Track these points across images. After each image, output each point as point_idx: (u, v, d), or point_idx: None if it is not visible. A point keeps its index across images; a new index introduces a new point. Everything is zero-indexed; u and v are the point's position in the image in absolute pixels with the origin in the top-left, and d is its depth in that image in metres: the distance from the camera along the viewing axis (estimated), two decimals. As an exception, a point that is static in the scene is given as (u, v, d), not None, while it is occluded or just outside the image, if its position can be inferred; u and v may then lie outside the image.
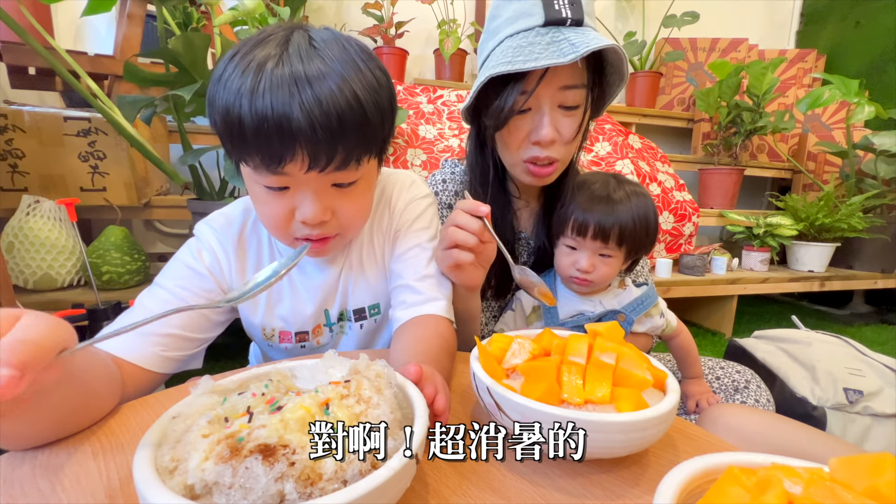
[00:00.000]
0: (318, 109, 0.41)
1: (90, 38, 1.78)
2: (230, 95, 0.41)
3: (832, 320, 2.30)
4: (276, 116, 0.40)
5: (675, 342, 0.78)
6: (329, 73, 0.42)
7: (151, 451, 0.27)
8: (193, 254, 0.56)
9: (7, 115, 1.20)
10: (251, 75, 0.41)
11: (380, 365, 0.34)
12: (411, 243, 0.61)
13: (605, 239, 0.66)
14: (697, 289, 1.88)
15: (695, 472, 0.26)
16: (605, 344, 0.40)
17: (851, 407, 0.91)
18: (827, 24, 2.68)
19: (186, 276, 0.55)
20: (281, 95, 0.40)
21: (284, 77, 0.41)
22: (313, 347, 0.63)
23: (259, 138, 0.41)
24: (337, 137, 0.42)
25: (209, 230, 0.57)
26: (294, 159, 0.42)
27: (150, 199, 1.44)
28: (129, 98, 1.18)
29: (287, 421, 0.27)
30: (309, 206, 0.46)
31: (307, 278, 0.60)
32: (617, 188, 0.68)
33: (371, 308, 0.63)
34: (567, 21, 0.58)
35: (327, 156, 0.43)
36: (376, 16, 1.97)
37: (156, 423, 0.29)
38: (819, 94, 1.99)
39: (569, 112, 0.62)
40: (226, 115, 0.42)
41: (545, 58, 0.55)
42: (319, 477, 0.25)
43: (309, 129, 0.41)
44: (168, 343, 0.51)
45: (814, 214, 2.02)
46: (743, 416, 0.59)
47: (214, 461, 0.25)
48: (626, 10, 2.54)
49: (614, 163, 1.93)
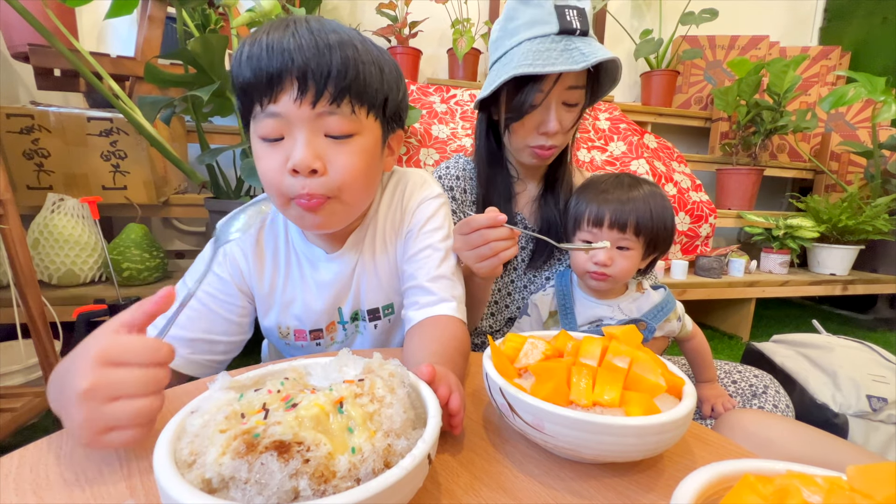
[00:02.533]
0: (308, 40, 0.44)
1: (112, 40, 1.83)
2: (235, 57, 0.46)
3: (855, 325, 2.23)
4: (270, 49, 0.44)
5: (689, 345, 0.77)
6: (331, 29, 0.46)
7: (170, 445, 0.28)
8: (219, 261, 0.58)
9: (34, 115, 1.24)
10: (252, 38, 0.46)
11: (393, 364, 0.34)
12: (423, 244, 0.61)
13: (623, 228, 0.65)
14: (714, 291, 1.84)
15: (711, 478, 0.26)
16: (619, 347, 0.40)
17: (875, 415, 0.88)
18: (852, 20, 2.60)
19: (212, 282, 0.57)
20: (277, 37, 0.44)
21: (284, 28, 0.45)
22: (328, 345, 0.64)
23: (254, 72, 0.44)
24: (326, 66, 0.44)
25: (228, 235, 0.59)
26: (283, 87, 0.44)
27: (168, 198, 1.47)
28: (149, 99, 1.21)
29: (302, 418, 0.27)
30: (299, 150, 0.46)
31: (317, 272, 0.60)
32: (632, 182, 0.69)
33: (385, 308, 0.64)
34: (576, 31, 0.68)
35: (316, 85, 0.44)
36: (390, 16, 1.98)
37: (174, 417, 0.30)
38: (843, 91, 1.93)
39: (570, 108, 0.73)
40: (234, 70, 0.46)
41: (561, 63, 0.65)
42: (333, 474, 0.26)
43: (300, 57, 0.43)
44: (197, 347, 0.53)
45: (836, 216, 1.97)
46: (761, 421, 0.58)
47: (231, 456, 0.25)
48: (643, 7, 2.50)
49: (629, 162, 1.91)
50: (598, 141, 1.99)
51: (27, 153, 1.25)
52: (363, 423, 0.29)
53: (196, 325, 0.54)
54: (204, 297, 0.56)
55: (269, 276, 0.59)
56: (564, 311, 0.72)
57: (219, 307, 0.56)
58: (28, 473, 0.33)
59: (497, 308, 0.86)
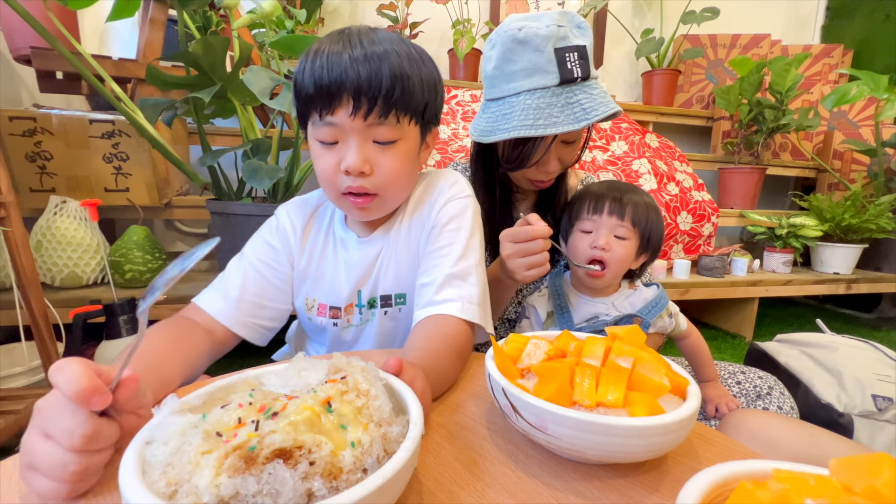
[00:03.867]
0: (363, 62, 0.50)
1: (114, 43, 1.83)
2: (300, 68, 0.53)
3: (859, 324, 2.22)
4: (330, 68, 0.50)
5: (685, 343, 0.77)
6: (381, 43, 0.52)
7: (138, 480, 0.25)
8: (272, 231, 0.65)
9: (36, 118, 1.24)
10: (314, 51, 0.53)
11: (359, 361, 0.35)
12: (444, 241, 0.62)
13: (622, 216, 0.68)
14: (717, 290, 1.84)
15: (717, 479, 0.26)
16: (622, 348, 0.39)
17: (880, 414, 0.88)
18: (854, 17, 2.59)
19: (266, 251, 0.64)
20: (336, 56, 0.51)
21: (341, 45, 0.52)
22: (345, 326, 0.66)
23: (316, 89, 0.51)
24: (377, 87, 0.51)
25: (284, 212, 0.67)
26: (341, 104, 0.51)
27: (170, 200, 1.47)
28: (151, 101, 1.22)
29: (296, 423, 0.27)
30: (351, 155, 0.53)
31: (349, 254, 0.65)
32: (629, 185, 0.73)
33: (397, 297, 0.65)
34: (577, 79, 0.66)
35: (368, 102, 0.51)
36: (391, 17, 1.98)
37: (128, 452, 0.27)
38: (846, 90, 1.92)
39: (569, 144, 0.74)
40: (295, 82, 0.54)
41: (562, 123, 0.65)
42: (340, 471, 0.26)
43: (355, 78, 0.50)
44: (248, 310, 0.59)
45: (840, 214, 1.96)
46: (766, 422, 0.57)
47: (229, 474, 0.24)
48: (644, 7, 2.50)
49: (631, 162, 1.90)
50: (600, 140, 1.98)
51: (30, 156, 1.26)
52: (354, 418, 0.30)
53: (250, 290, 0.60)
54: (258, 265, 0.62)
55: (309, 252, 0.65)
56: (560, 311, 0.72)
57: (270, 274, 0.62)
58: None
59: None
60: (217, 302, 0.58)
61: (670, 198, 1.86)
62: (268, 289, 0.62)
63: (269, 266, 0.63)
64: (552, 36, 0.65)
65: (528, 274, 0.64)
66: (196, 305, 0.58)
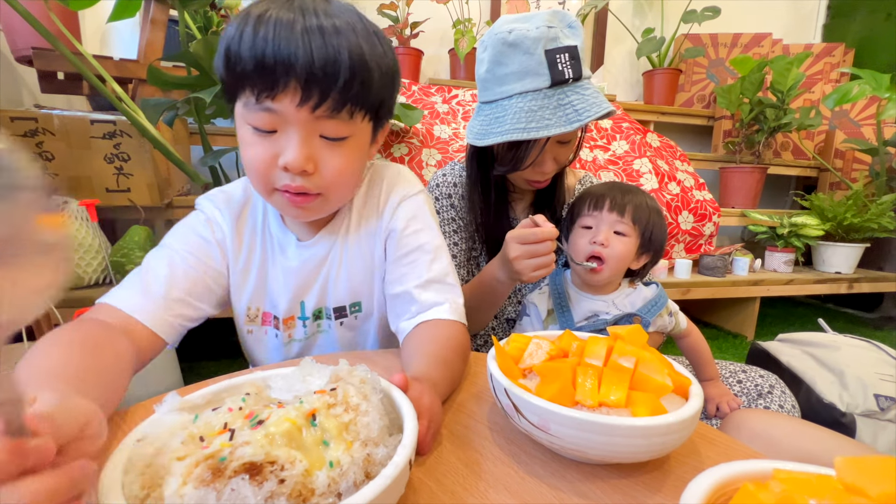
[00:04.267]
0: (320, 44, 0.41)
1: (115, 43, 1.83)
2: (234, 31, 0.43)
3: (861, 324, 2.22)
4: (277, 43, 0.41)
5: (685, 342, 0.77)
6: (337, 18, 0.43)
7: (118, 479, 0.24)
8: (203, 223, 0.56)
9: (37, 118, 1.24)
10: (256, 14, 0.42)
11: (361, 370, 0.33)
12: (410, 246, 0.58)
13: (622, 212, 0.69)
14: (718, 290, 1.83)
15: (720, 479, 0.26)
16: (625, 347, 0.39)
17: (883, 414, 0.88)
18: (856, 16, 2.59)
19: (197, 243, 0.55)
20: (285, 27, 0.41)
21: (292, 13, 0.42)
22: (287, 341, 0.61)
23: (256, 65, 0.42)
24: (334, 76, 0.42)
25: (210, 204, 0.58)
26: (287, 90, 0.42)
27: (171, 200, 1.47)
28: (152, 101, 1.22)
29: (273, 436, 0.25)
30: (292, 151, 0.45)
31: (286, 258, 0.59)
32: (631, 185, 0.74)
33: (352, 306, 0.61)
34: (569, 80, 0.66)
35: (321, 93, 0.43)
36: (391, 16, 1.98)
37: (119, 448, 0.27)
38: (847, 89, 1.92)
39: (565, 144, 0.73)
40: (227, 48, 0.43)
41: (554, 126, 0.65)
42: (312, 493, 0.24)
43: (308, 61, 0.41)
44: (176, 309, 0.50)
45: (842, 214, 1.95)
46: (769, 421, 0.57)
47: (195, 485, 0.23)
48: (645, 6, 2.50)
49: (632, 161, 1.90)
50: (601, 140, 1.98)
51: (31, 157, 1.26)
52: (339, 434, 0.27)
53: (178, 284, 0.51)
54: (187, 257, 0.53)
55: (246, 253, 0.58)
56: (561, 310, 0.73)
57: (202, 269, 0.54)
58: None
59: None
60: (135, 298, 0.48)
61: (671, 197, 1.85)
62: (198, 285, 0.53)
63: (200, 260, 0.54)
64: (542, 37, 0.64)
65: (534, 275, 0.64)
66: (108, 305, 0.48)
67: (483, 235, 0.84)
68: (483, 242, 0.85)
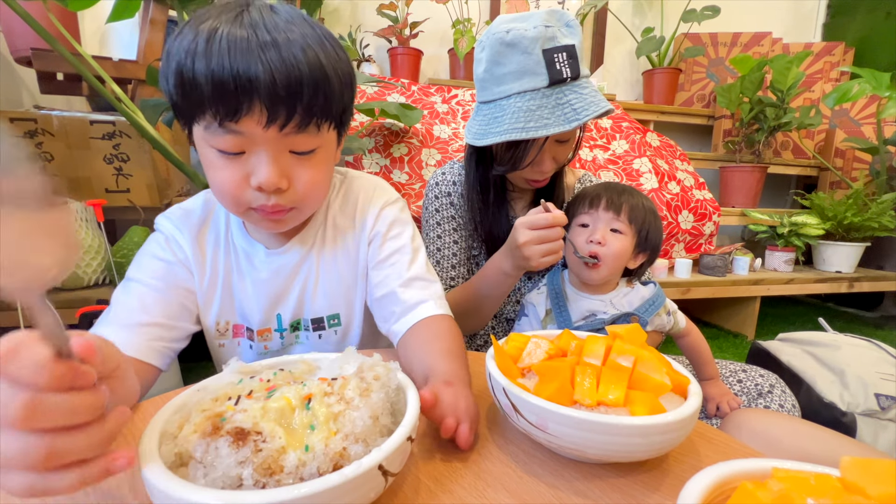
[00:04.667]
0: (279, 61, 0.40)
1: (115, 44, 1.84)
2: (184, 52, 0.40)
3: (861, 323, 2.22)
4: (235, 65, 0.39)
5: (685, 341, 0.77)
6: (289, 31, 0.41)
7: (167, 415, 0.30)
8: (162, 245, 0.55)
9: (37, 119, 1.24)
10: (206, 32, 0.40)
11: (381, 368, 0.34)
12: (391, 248, 0.60)
13: (618, 210, 0.69)
14: (718, 290, 1.83)
15: (718, 478, 0.26)
16: (623, 347, 0.39)
17: (883, 413, 0.87)
18: (855, 15, 2.58)
19: (160, 267, 0.54)
20: (240, 46, 0.39)
21: (244, 29, 0.40)
22: (262, 352, 0.60)
23: (215, 90, 0.39)
24: (298, 93, 0.41)
25: (168, 223, 0.57)
26: (251, 112, 0.41)
27: (171, 200, 1.47)
28: (151, 101, 1.22)
29: (267, 409, 0.28)
30: (264, 170, 0.44)
31: (254, 269, 0.57)
32: (628, 186, 0.74)
33: (330, 318, 0.61)
34: (567, 79, 0.66)
35: (287, 111, 0.42)
36: (391, 16, 1.98)
37: (183, 392, 0.33)
38: (848, 88, 1.92)
39: (563, 144, 0.73)
40: (179, 70, 0.40)
41: (553, 125, 0.65)
42: (280, 469, 0.26)
43: (269, 81, 0.39)
44: (155, 333, 0.50)
45: (842, 213, 1.95)
46: (769, 421, 0.57)
47: (200, 435, 0.27)
48: (644, 6, 2.50)
49: (632, 161, 1.90)
50: (601, 140, 1.98)
51: (31, 157, 1.26)
52: (326, 422, 0.29)
53: (151, 311, 0.50)
54: (153, 283, 0.52)
55: (210, 266, 0.57)
56: (558, 309, 0.73)
57: (170, 291, 0.53)
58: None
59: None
60: (113, 333, 0.47)
61: (671, 197, 1.85)
62: (172, 306, 0.53)
63: (167, 283, 0.53)
64: (540, 37, 0.64)
65: (543, 261, 0.64)
66: None
67: (483, 235, 0.84)
68: (482, 241, 0.85)
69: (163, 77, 0.43)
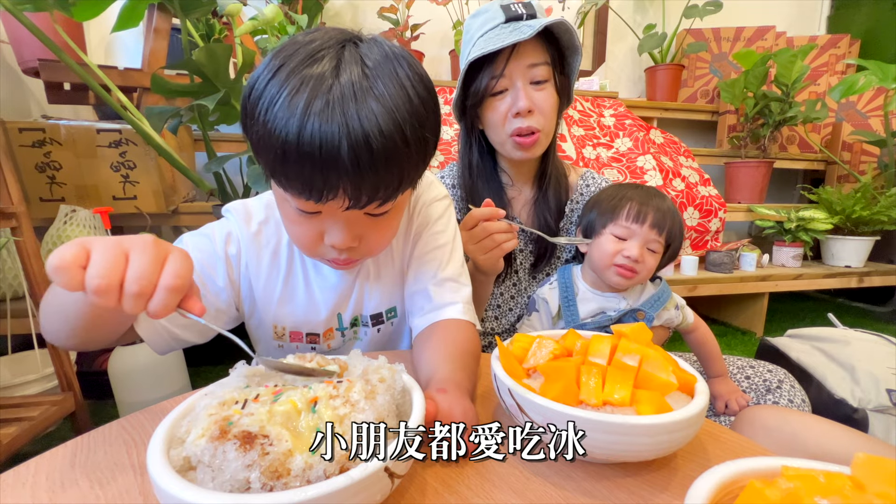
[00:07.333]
0: (365, 151, 0.38)
1: (120, 53, 1.86)
2: (277, 120, 0.38)
3: (872, 318, 2.19)
4: (324, 155, 0.38)
5: (693, 337, 0.77)
6: (379, 110, 0.39)
7: (175, 419, 0.31)
8: (222, 235, 0.55)
9: (45, 129, 1.26)
10: (301, 104, 0.38)
11: (386, 370, 0.35)
12: (430, 246, 0.61)
13: (661, 230, 0.68)
14: (726, 286, 1.82)
15: (726, 477, 0.25)
16: (629, 346, 0.39)
17: (895, 409, 0.86)
18: (860, 7, 2.56)
19: (208, 251, 0.54)
20: (330, 132, 0.37)
21: (335, 112, 0.38)
22: (324, 351, 0.62)
23: (303, 172, 0.39)
24: (381, 179, 0.41)
25: (233, 218, 0.57)
26: (336, 198, 0.41)
27: (177, 206, 1.48)
28: (156, 109, 1.23)
29: (274, 413, 0.28)
30: (338, 234, 0.45)
31: (323, 279, 0.59)
32: (659, 192, 0.73)
33: (388, 312, 0.63)
34: (523, 16, 0.70)
35: (368, 196, 0.41)
36: (392, 19, 1.99)
37: (190, 398, 0.33)
38: (854, 80, 1.89)
39: (540, 87, 0.72)
40: (268, 136, 0.39)
41: (509, 38, 0.67)
42: (287, 472, 0.26)
43: (354, 171, 0.39)
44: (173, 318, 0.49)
45: (850, 207, 1.93)
46: (782, 417, 0.57)
47: (207, 439, 0.27)
48: (646, 2, 2.49)
49: (636, 158, 1.89)
50: (604, 137, 1.97)
51: (39, 166, 1.28)
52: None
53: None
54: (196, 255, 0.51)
55: (266, 272, 0.57)
56: (567, 305, 0.73)
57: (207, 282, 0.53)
58: (44, 481, 0.33)
59: (501, 311, 0.87)
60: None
61: (676, 193, 1.84)
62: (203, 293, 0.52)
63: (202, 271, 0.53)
64: (500, 4, 0.72)
65: (484, 259, 0.66)
66: None
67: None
68: None
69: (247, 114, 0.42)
